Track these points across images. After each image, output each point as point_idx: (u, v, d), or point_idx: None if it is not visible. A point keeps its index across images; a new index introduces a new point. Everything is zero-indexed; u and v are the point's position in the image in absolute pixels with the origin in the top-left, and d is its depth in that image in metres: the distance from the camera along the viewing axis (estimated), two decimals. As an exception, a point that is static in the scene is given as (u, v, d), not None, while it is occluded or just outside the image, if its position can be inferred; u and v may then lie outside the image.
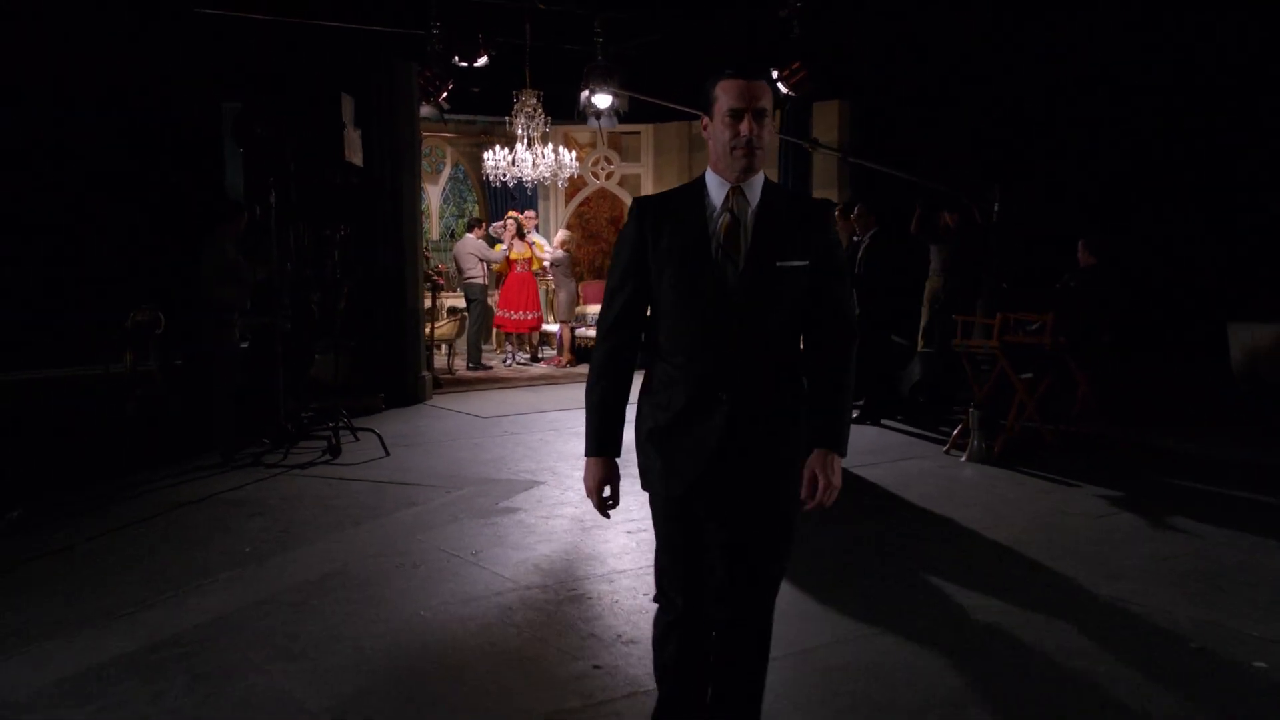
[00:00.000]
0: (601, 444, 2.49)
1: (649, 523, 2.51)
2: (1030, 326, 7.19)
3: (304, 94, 8.75)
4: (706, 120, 2.40)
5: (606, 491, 2.51)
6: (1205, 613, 4.08)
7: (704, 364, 2.38)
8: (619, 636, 3.86)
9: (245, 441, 7.22)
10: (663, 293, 2.41)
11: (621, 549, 4.96)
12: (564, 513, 5.65)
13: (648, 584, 4.34)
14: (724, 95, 2.34)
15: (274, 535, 5.28)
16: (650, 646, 3.77)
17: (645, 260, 2.42)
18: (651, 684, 3.42)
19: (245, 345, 8.44)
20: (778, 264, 2.36)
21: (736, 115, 2.32)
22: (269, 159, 7.14)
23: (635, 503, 3.94)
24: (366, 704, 3.31)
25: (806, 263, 2.38)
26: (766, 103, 2.34)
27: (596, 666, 3.59)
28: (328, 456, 7.12)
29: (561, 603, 4.26)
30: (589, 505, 2.54)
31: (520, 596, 4.33)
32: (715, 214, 2.39)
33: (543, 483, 6.38)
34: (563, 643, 3.82)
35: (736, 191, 2.39)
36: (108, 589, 4.41)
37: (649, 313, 2.48)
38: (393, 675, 3.55)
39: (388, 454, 7.23)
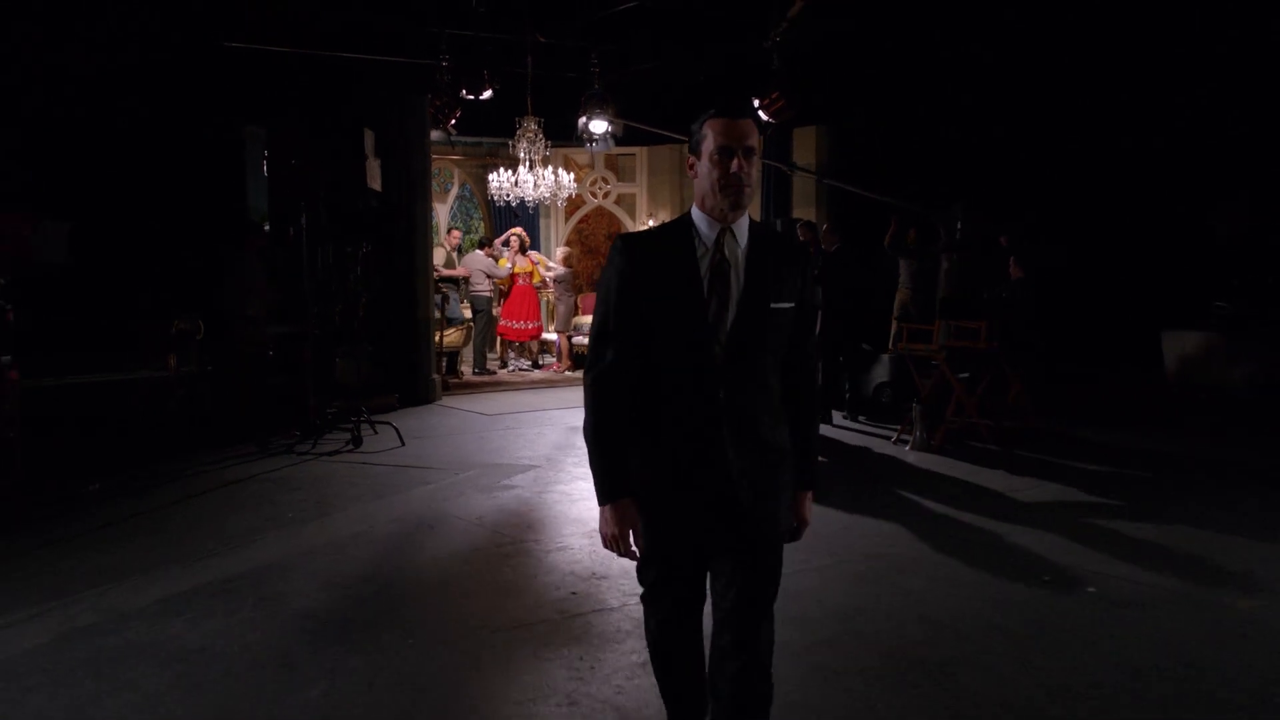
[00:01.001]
0: (616, 488, 2.42)
1: None
2: (971, 332, 8.17)
3: (326, 123, 9.78)
4: (693, 159, 2.40)
5: (630, 537, 2.45)
6: (1063, 557, 5.06)
7: (699, 405, 2.36)
8: (593, 574, 4.85)
9: (278, 433, 8.25)
10: (655, 334, 2.38)
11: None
12: (556, 489, 6.63)
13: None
14: (712, 134, 2.34)
15: (310, 505, 6.28)
16: (616, 577, 4.77)
17: (636, 303, 2.38)
18: (615, 602, 4.44)
19: (272, 353, 9.49)
20: (771, 305, 2.38)
21: (726, 153, 2.32)
22: (301, 187, 8.17)
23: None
24: (396, 616, 4.31)
25: (793, 304, 2.42)
26: (754, 141, 2.34)
27: (573, 593, 4.58)
28: (351, 446, 8.13)
29: (549, 552, 5.25)
30: (578, 483, 2.38)
31: (516, 548, 5.33)
32: (705, 255, 2.37)
33: (538, 466, 7.37)
34: (548, 579, 4.81)
35: (726, 233, 2.38)
36: (180, 542, 5.43)
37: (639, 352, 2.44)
38: (414, 599, 4.56)
39: (403, 444, 8.23)
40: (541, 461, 7.57)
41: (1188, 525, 5.69)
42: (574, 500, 6.31)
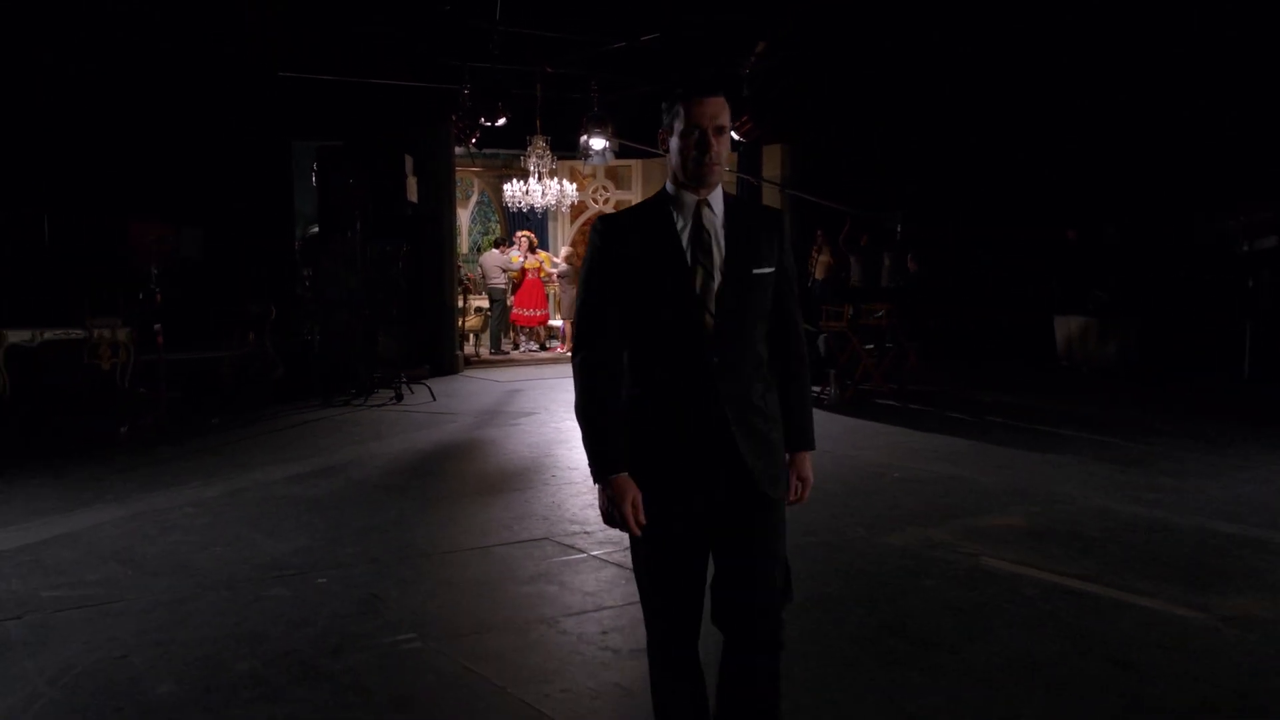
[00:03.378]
0: (610, 465, 2.39)
1: None
2: (877, 314, 10.47)
3: (368, 142, 12.06)
4: (665, 133, 2.43)
5: (630, 510, 2.36)
6: (890, 460, 7.34)
7: (689, 377, 2.37)
8: (572, 468, 7.17)
9: (337, 391, 10.64)
10: (639, 309, 2.39)
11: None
12: (550, 426, 8.96)
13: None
14: (684, 112, 2.36)
15: (369, 435, 8.63)
16: (585, 468, 7.09)
17: (618, 281, 2.39)
18: (580, 478, 6.75)
19: (333, 331, 11.85)
20: (754, 271, 2.41)
21: (694, 132, 2.35)
22: (353, 199, 10.52)
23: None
24: (435, 484, 6.67)
25: (773, 269, 2.46)
26: (725, 120, 2.37)
27: (553, 475, 6.91)
28: (394, 400, 10.48)
29: (539, 456, 7.59)
30: (568, 423, 2.80)
31: (519, 457, 7.67)
32: (684, 226, 2.40)
33: (538, 413, 9.72)
34: (540, 469, 7.15)
35: (703, 204, 2.41)
36: (286, 450, 7.81)
37: (626, 330, 2.42)
38: (448, 475, 6.93)
39: (435, 400, 10.58)
40: (540, 410, 9.91)
41: (994, 443, 7.97)
42: (562, 432, 8.62)
